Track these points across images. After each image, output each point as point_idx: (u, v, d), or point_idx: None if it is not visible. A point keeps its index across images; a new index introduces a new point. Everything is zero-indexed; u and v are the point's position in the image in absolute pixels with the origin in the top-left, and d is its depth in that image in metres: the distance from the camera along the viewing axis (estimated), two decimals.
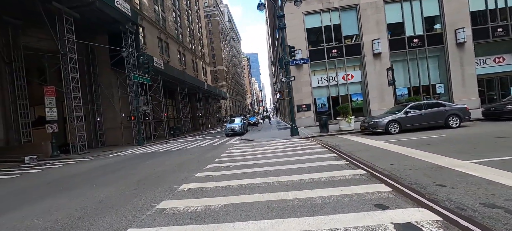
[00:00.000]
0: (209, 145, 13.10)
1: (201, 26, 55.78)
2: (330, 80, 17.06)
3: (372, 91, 16.59)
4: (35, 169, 10.79)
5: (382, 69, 16.45)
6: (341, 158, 6.08)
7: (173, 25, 36.86)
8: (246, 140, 13.66)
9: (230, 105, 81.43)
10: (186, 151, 11.63)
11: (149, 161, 9.18)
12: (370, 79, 16.57)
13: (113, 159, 11.37)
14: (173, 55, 35.44)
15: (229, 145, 12.33)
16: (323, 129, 12.59)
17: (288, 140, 11.68)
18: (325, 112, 17.11)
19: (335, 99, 17.29)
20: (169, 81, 26.79)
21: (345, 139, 9.75)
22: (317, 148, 8.27)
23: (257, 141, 12.39)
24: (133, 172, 7.20)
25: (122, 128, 20.93)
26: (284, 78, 13.19)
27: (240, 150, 9.82)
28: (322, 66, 17.38)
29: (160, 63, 22.58)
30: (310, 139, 11.26)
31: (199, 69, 47.66)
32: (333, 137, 10.97)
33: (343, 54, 16.83)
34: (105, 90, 20.99)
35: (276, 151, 8.49)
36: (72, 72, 15.89)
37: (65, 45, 15.58)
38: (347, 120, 12.10)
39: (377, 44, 16.15)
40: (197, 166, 6.99)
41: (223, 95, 52.10)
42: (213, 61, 78.08)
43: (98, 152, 15.86)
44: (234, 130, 18.02)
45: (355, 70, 17.45)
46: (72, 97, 15.68)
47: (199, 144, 14.39)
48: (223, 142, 14.02)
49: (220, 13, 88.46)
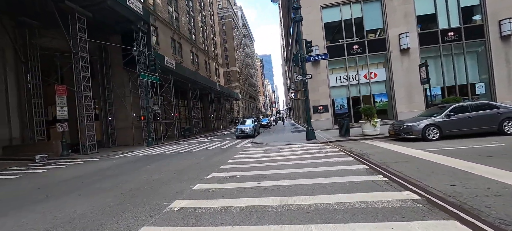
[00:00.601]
0: (218, 148, 12.18)
1: (215, 27, 55.80)
2: (350, 79, 15.51)
3: (399, 91, 14.81)
4: (41, 168, 10.47)
5: (410, 67, 14.65)
6: (376, 172, 4.80)
7: (186, 26, 36.87)
8: (257, 143, 12.58)
9: (243, 107, 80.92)
10: (192, 154, 10.78)
11: (151, 165, 8.39)
12: (397, 77, 14.81)
13: (117, 161, 10.79)
14: (186, 56, 35.35)
15: (238, 148, 11.31)
16: (344, 132, 11.18)
17: (304, 144, 10.43)
18: (344, 115, 15.57)
19: (355, 100, 15.70)
20: (181, 81, 26.48)
21: (372, 146, 8.33)
22: (339, 155, 6.98)
23: (269, 145, 11.26)
24: (129, 178, 6.38)
25: (133, 127, 20.74)
26: (300, 77, 11.96)
27: (249, 155, 8.76)
28: (341, 64, 15.87)
29: (172, 63, 22.22)
30: (330, 144, 9.93)
31: (212, 70, 47.47)
32: (357, 143, 9.56)
33: (365, 50, 15.22)
34: (117, 90, 20.95)
35: (291, 158, 7.31)
36: (83, 71, 15.78)
37: (77, 44, 15.50)
38: (372, 123, 10.61)
39: (405, 39, 14.38)
40: (199, 174, 6.01)
41: (235, 97, 51.54)
42: (226, 62, 78.09)
43: (107, 152, 15.57)
44: (245, 132, 17.02)
45: (379, 68, 15.74)
46: (83, 96, 15.55)
47: (207, 146, 13.54)
48: (233, 145, 13.05)
49: (233, 14, 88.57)
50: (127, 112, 20.81)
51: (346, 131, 11.15)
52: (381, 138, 10.14)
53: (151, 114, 19.60)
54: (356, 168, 5.28)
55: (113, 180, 6.37)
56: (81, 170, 8.85)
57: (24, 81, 16.82)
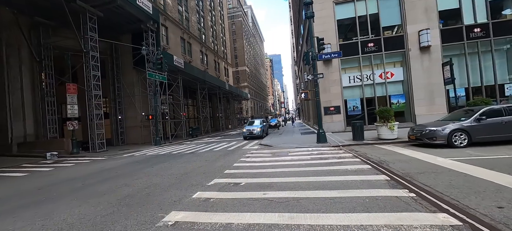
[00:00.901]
0: (224, 150, 11.80)
1: (224, 26, 55.78)
2: (364, 79, 14.66)
3: (418, 92, 13.79)
4: (50, 166, 10.52)
5: (431, 66, 13.61)
6: (399, 185, 4.17)
7: (196, 25, 36.94)
8: (265, 145, 12.08)
9: (251, 106, 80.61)
10: (197, 155, 10.45)
11: (154, 167, 8.12)
12: (416, 77, 13.80)
13: (123, 160, 10.66)
14: (195, 55, 35.41)
15: (245, 150, 10.87)
16: (358, 136, 10.46)
17: (314, 148, 9.81)
18: (357, 116, 14.74)
19: (370, 101, 14.83)
20: (189, 80, 26.44)
21: (391, 152, 7.61)
22: (354, 162, 6.35)
23: (278, 148, 10.73)
24: (128, 181, 6.09)
25: (142, 126, 20.84)
26: (310, 76, 11.34)
27: (256, 158, 8.28)
28: (354, 63, 15.04)
29: (180, 62, 22.15)
30: (342, 148, 9.26)
31: (221, 70, 47.44)
32: (372, 148, 8.84)
33: (381, 48, 14.31)
34: (127, 89, 21.14)
35: (300, 163, 6.76)
36: (93, 70, 15.94)
37: (88, 43, 15.67)
38: (389, 126, 9.82)
39: (426, 36, 13.35)
40: (201, 180, 5.61)
41: (244, 96, 51.24)
42: (236, 62, 78.07)
43: (115, 151, 15.63)
44: (252, 133, 16.57)
45: (396, 67, 14.77)
46: (93, 95, 15.69)
47: (214, 147, 13.20)
48: (239, 147, 12.62)
49: (243, 14, 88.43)
50: (136, 111, 20.95)
51: (360, 134, 10.43)
52: (399, 143, 9.36)
53: (159, 113, 19.57)
54: (375, 178, 4.66)
55: (113, 182, 6.10)
56: (85, 170, 8.73)
57: (38, 80, 17.23)
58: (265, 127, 18.98)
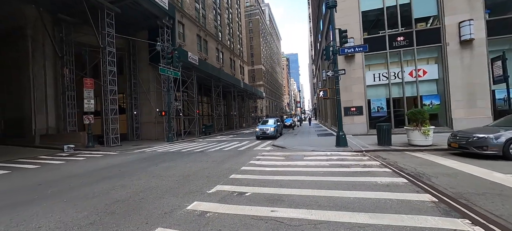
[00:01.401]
0: (234, 150, 11.13)
1: (241, 24, 55.41)
2: (391, 77, 13.15)
3: (456, 93, 12.03)
4: (63, 159, 10.59)
5: (473, 62, 11.79)
6: (454, 211, 3.12)
7: (212, 23, 36.86)
8: (278, 146, 11.22)
9: (266, 106, 79.71)
10: (206, 154, 9.88)
11: (158, 166, 7.65)
12: (454, 76, 12.04)
13: (132, 157, 10.42)
14: (211, 53, 35.32)
15: (256, 152, 10.09)
16: (384, 140, 9.21)
17: (334, 152, 8.76)
18: (382, 118, 13.31)
19: (397, 102, 13.30)
20: (204, 78, 26.26)
21: (429, 161, 6.37)
22: (384, 173, 5.29)
23: (292, 150, 9.81)
24: (127, 182, 5.61)
25: (156, 122, 20.96)
26: (330, 72, 10.24)
27: (267, 162, 7.47)
28: (381, 59, 13.57)
29: (195, 59, 21.94)
30: (366, 154, 8.12)
31: (237, 68, 47.11)
32: (403, 155, 7.60)
33: (413, 43, 12.70)
34: (143, 85, 21.37)
35: (317, 170, 5.83)
36: (110, 65, 16.13)
37: (105, 39, 15.87)
38: (423, 131, 8.47)
39: (468, 28, 11.56)
40: (202, 186, 4.94)
41: (259, 95, 50.51)
42: (252, 60, 77.54)
43: (128, 146, 15.70)
44: (265, 133, 15.75)
45: (430, 63, 13.06)
46: (109, 90, 15.87)
47: (224, 146, 12.60)
48: (251, 147, 11.88)
49: (261, 12, 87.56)
50: (151, 108, 21.10)
51: (386, 138, 9.18)
52: (435, 151, 8.00)
53: (172, 110, 19.48)
54: (417, 198, 3.63)
55: (111, 182, 5.65)
56: (92, 165, 8.53)
57: (60, 75, 17.88)
58: (279, 126, 18.06)
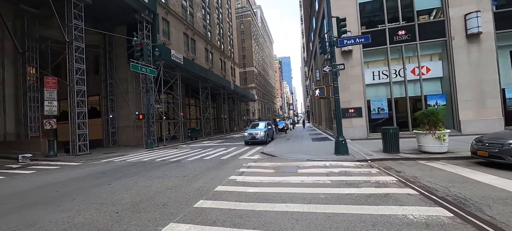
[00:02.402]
0: (216, 159, 9.47)
1: (232, 25, 54.01)
2: (392, 75, 11.93)
3: (464, 92, 10.91)
4: (7, 174, 8.60)
5: (482, 58, 10.73)
6: None
7: (201, 22, 35.23)
8: (268, 154, 9.66)
9: (259, 108, 78.27)
10: (180, 166, 8.18)
11: (111, 184, 5.92)
12: (460, 73, 10.93)
13: (91, 169, 8.58)
14: (200, 53, 33.62)
15: (241, 161, 8.49)
16: (391, 146, 7.84)
17: (333, 162, 7.29)
18: (381, 120, 12.04)
19: (399, 102, 12.07)
20: (190, 78, 24.50)
21: (458, 176, 4.98)
22: (408, 198, 3.81)
23: (283, 159, 8.28)
24: (47, 214, 3.89)
25: (135, 127, 18.98)
26: (327, 68, 8.84)
27: (252, 177, 5.88)
28: (380, 55, 12.35)
29: (179, 58, 20.18)
30: (373, 165, 6.69)
31: (227, 69, 45.54)
32: (418, 165, 6.22)
33: (415, 37, 11.55)
34: (121, 85, 19.39)
35: (317, 192, 4.29)
36: (77, 62, 14.17)
37: (72, 33, 13.93)
38: (438, 135, 7.14)
39: (475, 20, 10.51)
40: (147, 224, 3.28)
41: (251, 97, 48.96)
42: (243, 62, 76.16)
43: (99, 154, 13.72)
44: (255, 138, 14.18)
45: (434, 60, 11.94)
46: (75, 90, 13.89)
47: (207, 154, 10.91)
48: (237, 155, 10.26)
49: (252, 14, 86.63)
50: (130, 110, 19.12)
51: (394, 144, 7.80)
52: (455, 160, 6.67)
53: (153, 113, 17.62)
54: None
55: (27, 213, 3.89)
56: (35, 182, 6.69)
57: (21, 73, 15.70)
58: (271, 130, 16.53)
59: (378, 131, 12.00)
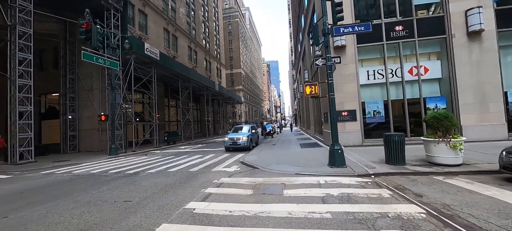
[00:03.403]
0: (182, 172, 7.61)
1: (219, 25, 52.16)
2: (388, 75, 10.77)
3: (465, 95, 9.94)
4: None
5: (483, 58, 9.84)
6: None
7: (184, 18, 33.11)
8: (249, 165, 7.96)
9: (246, 111, 76.53)
10: (131, 184, 6.24)
11: (12, 215, 3.92)
12: (462, 74, 9.98)
13: (15, 186, 6.41)
14: (182, 51, 31.47)
15: (213, 175, 6.71)
16: (396, 157, 6.46)
17: (328, 177, 5.74)
18: (376, 125, 10.82)
19: (397, 106, 10.92)
20: (170, 77, 22.33)
21: (501, 202, 3.57)
22: None
23: (266, 172, 6.62)
24: None
25: (100, 130, 16.50)
26: (320, 61, 7.37)
27: (218, 205, 4.13)
28: (375, 53, 11.18)
29: (155, 53, 18.05)
30: (380, 183, 5.21)
31: (213, 70, 43.53)
32: (436, 184, 4.82)
33: (414, 33, 10.50)
34: (84, 82, 16.87)
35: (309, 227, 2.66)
36: (22, 52, 11.72)
37: (16, 15, 11.50)
38: (454, 144, 5.85)
39: (477, 16, 9.62)
40: None
41: (237, 99, 47.16)
42: (231, 63, 74.31)
43: (47, 162, 11.28)
44: (236, 144, 12.44)
45: (432, 59, 10.95)
46: (17, 85, 11.40)
47: (174, 165, 9.00)
48: (211, 165, 8.46)
49: (241, 15, 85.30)
50: (94, 111, 16.61)
51: (399, 154, 6.43)
52: (476, 174, 5.39)
53: (120, 114, 15.33)
54: None
55: None
56: None
57: None
58: (255, 135, 14.86)
59: (373, 136, 10.76)
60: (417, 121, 10.53)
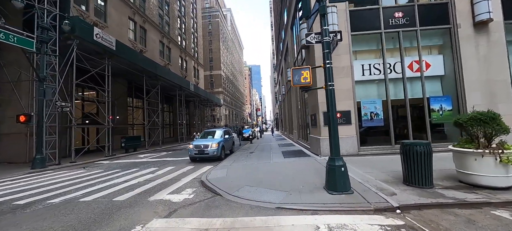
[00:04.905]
0: (99, 205, 4.87)
1: (197, 22, 49.05)
2: (387, 70, 9.06)
3: (472, 94, 8.51)
4: None
5: (491, 53, 8.52)
6: None
7: (156, 10, 29.77)
8: (209, 188, 5.44)
9: (226, 114, 73.43)
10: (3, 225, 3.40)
11: None
12: (469, 70, 8.57)
13: None
14: (153, 46, 28.06)
15: (143, 213, 4.10)
16: (421, 176, 4.45)
17: (330, 216, 3.43)
18: (376, 130, 9.00)
19: (397, 106, 9.20)
20: (133, 72, 18.99)
21: None
22: None
23: (233, 206, 4.17)
24: None
25: (28, 134, 12.76)
26: (313, 37, 5.17)
27: None
28: (372, 44, 9.43)
29: (110, 41, 14.81)
30: (409, 218, 3.01)
31: (190, 69, 40.23)
32: (503, 222, 2.76)
33: (415, 22, 8.93)
34: (6, 72, 13.06)
35: None
36: None
37: None
38: (508, 158, 3.95)
39: (485, 4, 8.30)
40: None
41: (216, 101, 44.14)
42: (210, 64, 71.02)
43: None
44: (204, 152, 9.84)
45: (433, 53, 9.48)
46: None
47: (96, 190, 6.18)
48: (152, 189, 5.81)
49: (222, 15, 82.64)
50: (22, 110, 12.86)
51: (425, 171, 4.42)
52: None
53: (54, 113, 11.88)
54: None
55: None
56: None
57: None
58: (229, 141, 12.35)
59: (370, 143, 8.90)
60: (419, 125, 8.88)
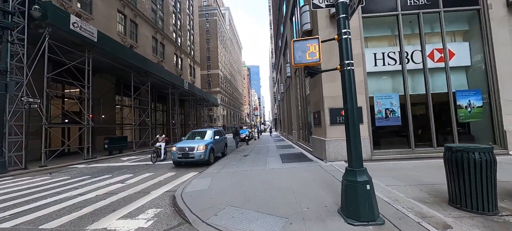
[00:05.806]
0: (35, 227, 3.40)
1: (193, 19, 47.60)
2: (404, 60, 7.69)
3: (507, 88, 7.16)
4: None
5: None
6: None
7: (148, 4, 28.33)
8: (179, 209, 4.00)
9: (224, 115, 71.93)
10: None
11: None
12: (501, 58, 7.21)
13: None
14: (145, 41, 26.62)
15: None
16: (481, 196, 3.01)
17: None
18: (392, 130, 7.61)
19: (416, 102, 7.81)
20: (121, 68, 17.53)
21: None
22: None
23: None
24: None
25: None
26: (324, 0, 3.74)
27: None
28: (385, 29, 8.07)
29: (91, 31, 13.37)
30: None
31: (185, 67, 38.78)
32: None
33: (438, 2, 7.59)
34: None
35: None
36: None
37: None
38: None
39: None
40: None
41: (212, 101, 42.64)
42: (208, 63, 69.58)
43: None
44: (188, 156, 8.38)
45: (457, 40, 8.12)
46: None
47: (44, 205, 4.72)
48: (108, 207, 4.36)
49: (220, 14, 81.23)
50: None
51: (488, 189, 3.00)
52: None
53: (22, 110, 10.39)
54: None
55: None
56: None
57: None
58: (220, 143, 10.89)
59: (384, 146, 7.49)
60: (443, 124, 7.49)
